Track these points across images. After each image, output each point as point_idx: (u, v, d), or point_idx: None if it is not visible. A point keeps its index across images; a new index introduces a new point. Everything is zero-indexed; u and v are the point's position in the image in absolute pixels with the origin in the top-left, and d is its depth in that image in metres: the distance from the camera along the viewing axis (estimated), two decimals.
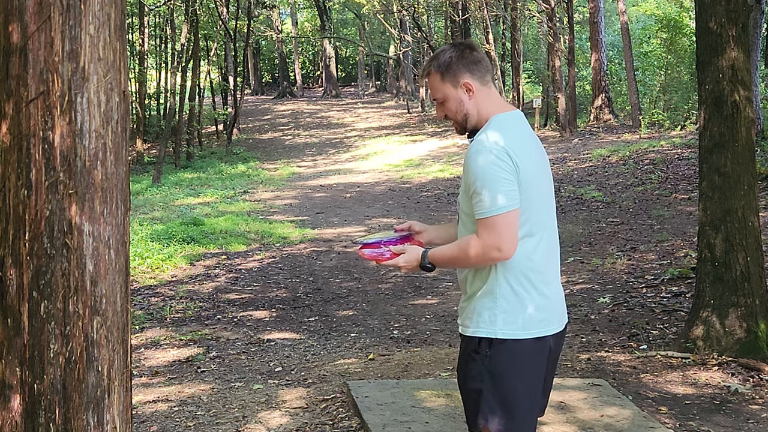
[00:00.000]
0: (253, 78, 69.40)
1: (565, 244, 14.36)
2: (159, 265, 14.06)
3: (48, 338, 3.06)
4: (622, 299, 10.49)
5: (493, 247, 3.53)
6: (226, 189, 26.33)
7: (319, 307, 11.57)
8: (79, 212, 3.06)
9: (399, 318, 10.68)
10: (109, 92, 3.14)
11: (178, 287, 12.72)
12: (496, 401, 3.61)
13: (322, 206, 21.74)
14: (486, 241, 3.54)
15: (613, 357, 7.91)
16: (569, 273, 12.32)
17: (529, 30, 52.52)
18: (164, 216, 19.69)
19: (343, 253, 15.26)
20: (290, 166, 34.23)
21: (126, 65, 3.27)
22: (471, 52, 3.78)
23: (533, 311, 3.65)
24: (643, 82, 36.27)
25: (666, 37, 33.88)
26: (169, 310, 11.35)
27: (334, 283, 13.06)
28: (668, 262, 12.02)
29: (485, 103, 3.77)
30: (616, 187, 19.16)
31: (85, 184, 3.07)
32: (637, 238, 14.15)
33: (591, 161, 23.55)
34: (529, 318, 3.64)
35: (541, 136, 32.91)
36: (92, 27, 3.10)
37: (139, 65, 41.05)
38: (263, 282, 13.18)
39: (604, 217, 16.34)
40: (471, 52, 3.78)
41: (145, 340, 9.81)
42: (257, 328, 10.35)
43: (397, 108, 54.03)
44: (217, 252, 15.51)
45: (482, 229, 3.55)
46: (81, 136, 3.06)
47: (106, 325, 3.14)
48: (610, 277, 11.81)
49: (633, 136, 28.80)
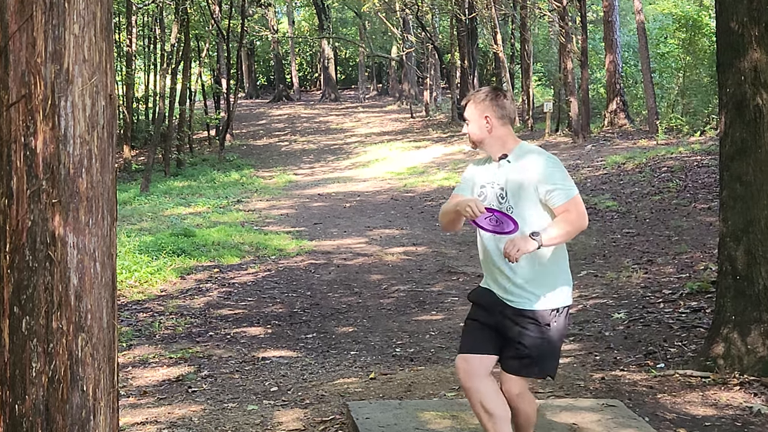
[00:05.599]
0: (247, 81, 69.44)
1: (577, 256, 14.35)
2: (147, 278, 14.06)
3: (30, 356, 3.06)
4: (638, 315, 10.49)
5: (585, 216, 5.06)
6: (219, 198, 26.34)
7: (318, 323, 11.57)
8: (63, 223, 3.06)
9: (402, 335, 10.68)
10: (94, 96, 3.13)
11: (168, 302, 12.72)
12: (557, 352, 5.14)
13: (321, 216, 21.75)
14: (580, 213, 5.00)
15: (628, 376, 7.91)
16: (582, 287, 12.31)
17: (540, 30, 52.56)
18: (153, 227, 19.69)
19: (342, 266, 15.26)
20: (286, 173, 34.25)
21: (112, 67, 3.27)
22: (500, 96, 5.18)
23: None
24: (661, 85, 36.25)
25: (684, 37, 33.87)
26: (159, 326, 11.35)
27: (333, 297, 13.06)
28: (687, 276, 12.02)
29: (508, 136, 5.18)
30: (631, 197, 19.16)
31: (69, 192, 3.06)
32: (654, 251, 14.15)
33: (605, 169, 23.55)
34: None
35: (553, 142, 32.92)
36: (77, 26, 3.09)
37: (127, 67, 41.08)
38: (258, 297, 13.18)
39: (619, 228, 16.34)
40: (499, 96, 5.19)
41: (133, 358, 9.81)
42: (251, 346, 10.35)
43: (400, 112, 54.07)
44: (209, 265, 15.51)
45: (572, 206, 4.99)
46: (65, 142, 3.06)
47: (91, 342, 3.14)
48: (625, 292, 11.80)
49: (650, 142, 28.80)
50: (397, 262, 15.54)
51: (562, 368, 8.10)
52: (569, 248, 5.41)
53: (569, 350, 9.20)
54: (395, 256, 16.00)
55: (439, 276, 14.06)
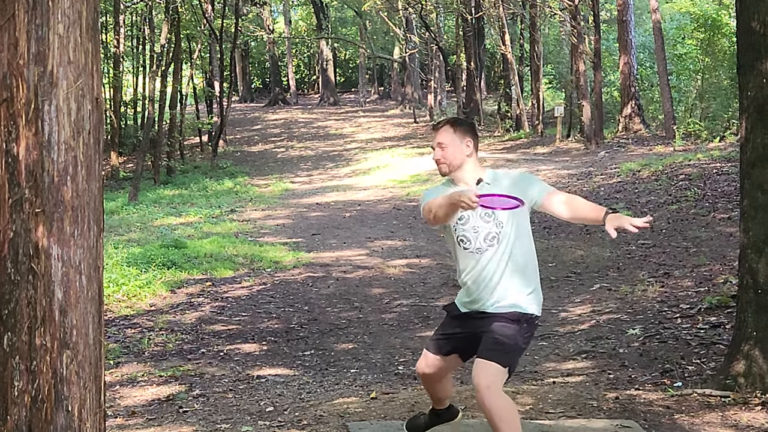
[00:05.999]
0: (241, 83, 69.55)
1: (590, 269, 14.36)
2: (136, 292, 14.06)
3: (12, 374, 3.05)
4: (654, 331, 10.48)
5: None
6: (211, 207, 26.35)
7: (316, 339, 11.57)
8: (47, 233, 3.05)
9: (405, 352, 10.68)
10: (80, 99, 3.13)
11: (158, 317, 12.71)
12: (520, 354, 5.75)
13: (319, 227, 21.75)
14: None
15: (644, 396, 7.90)
16: (594, 302, 12.32)
17: (551, 30, 52.64)
18: (142, 238, 19.69)
19: (342, 280, 15.27)
20: (283, 181, 34.26)
21: (99, 69, 3.27)
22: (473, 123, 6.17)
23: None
24: (678, 88, 36.29)
25: (703, 37, 33.89)
26: (148, 342, 11.35)
27: (332, 312, 13.06)
28: (706, 290, 12.01)
29: (478, 161, 5.92)
30: (647, 206, 19.16)
31: (53, 202, 3.06)
32: (671, 263, 14.15)
33: (619, 176, 23.55)
34: None
35: (564, 148, 32.95)
36: (61, 26, 3.09)
37: (114, 69, 41.14)
38: (253, 311, 13.18)
39: (634, 239, 16.33)
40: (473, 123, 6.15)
41: (121, 377, 9.81)
42: (246, 363, 10.34)
43: (403, 117, 54.13)
44: (201, 278, 15.51)
45: (559, 192, 5.87)
46: (49, 148, 3.05)
47: (76, 359, 3.13)
48: (640, 306, 11.80)
49: (666, 148, 28.81)
50: (399, 275, 15.54)
51: (574, 387, 8.10)
52: (581, 260, 5.50)
53: (581, 368, 9.20)
54: (398, 268, 16.01)
55: (444, 289, 14.06)
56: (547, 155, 32.46)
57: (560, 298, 12.91)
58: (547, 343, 10.49)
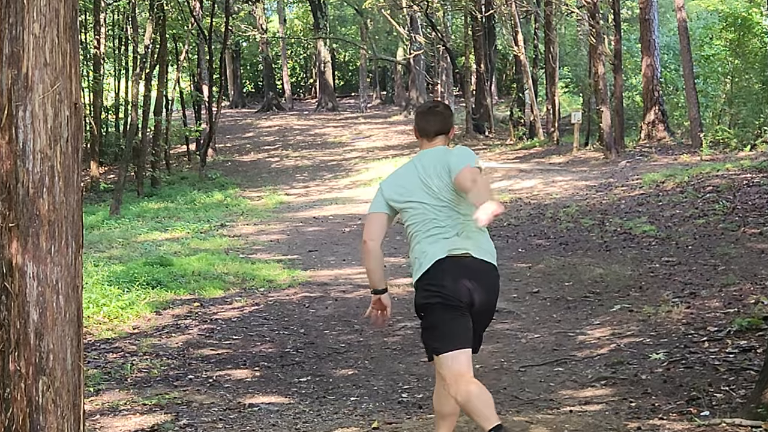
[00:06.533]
0: (232, 87, 69.64)
1: (610, 288, 14.36)
2: (118, 314, 14.06)
3: None
4: (679, 355, 10.48)
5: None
6: (200, 222, 26.36)
7: (313, 364, 11.57)
8: (21, 250, 3.04)
9: (409, 378, 10.67)
10: (57, 104, 3.12)
11: (142, 341, 12.71)
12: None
13: (316, 243, 21.76)
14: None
15: (668, 426, 7.90)
16: (615, 324, 12.31)
17: (567, 29, 52.72)
18: (124, 254, 19.71)
19: (341, 300, 15.27)
20: (277, 194, 34.29)
21: (78, 72, 3.27)
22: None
23: None
24: (705, 93, 36.26)
25: (732, 37, 33.93)
26: (131, 368, 11.34)
27: (330, 335, 13.06)
28: (735, 311, 12.00)
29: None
30: (671, 220, 19.17)
31: (28, 215, 3.05)
32: (698, 282, 14.14)
33: (641, 188, 23.57)
34: None
35: (582, 157, 32.98)
36: (37, 25, 3.08)
37: (94, 72, 41.18)
38: (244, 334, 13.18)
39: (658, 256, 16.33)
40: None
41: (101, 405, 9.80)
42: (237, 391, 10.34)
43: (407, 123, 54.12)
44: (189, 298, 15.51)
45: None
46: (23, 157, 3.05)
47: (53, 387, 3.12)
48: (664, 329, 11.79)
49: (692, 157, 28.83)
50: (403, 294, 15.52)
51: (592, 416, 8.10)
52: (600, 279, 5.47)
53: (600, 396, 9.20)
54: (401, 287, 15.99)
55: None
56: (563, 165, 32.48)
57: (577, 319, 12.91)
58: (564, 368, 10.49)
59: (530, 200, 25.10)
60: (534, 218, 22.15)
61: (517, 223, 21.44)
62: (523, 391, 9.49)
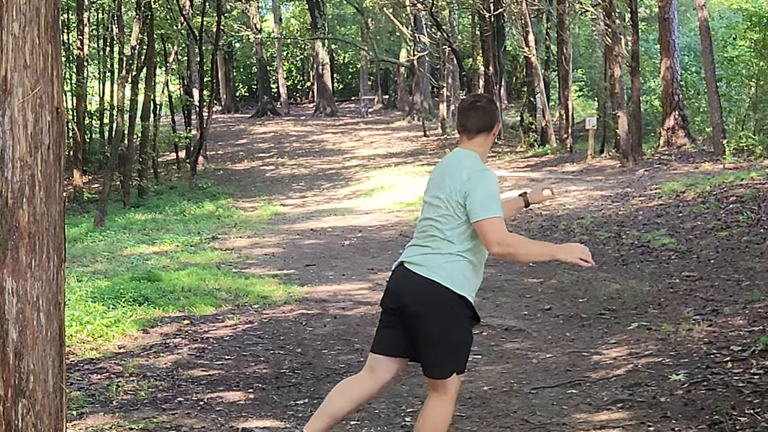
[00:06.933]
0: (224, 91, 69.69)
1: (627, 305, 14.37)
2: (103, 332, 14.06)
3: None
4: (700, 377, 10.49)
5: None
6: (190, 234, 26.37)
7: (310, 386, 11.58)
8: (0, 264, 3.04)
9: (413, 401, 10.69)
10: (38, 109, 3.11)
11: (128, 361, 12.72)
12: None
13: (314, 256, 21.76)
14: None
15: None
16: (632, 343, 12.33)
17: (581, 29, 52.73)
18: (110, 269, 19.71)
19: (340, 317, 15.28)
20: (272, 204, 34.30)
21: (60, 74, 3.27)
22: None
23: None
24: (728, 97, 36.23)
25: (758, 38, 33.92)
26: (116, 390, 11.36)
27: (328, 355, 13.07)
28: (760, 329, 12.02)
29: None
30: (692, 232, 19.18)
31: (7, 228, 3.05)
32: (721, 298, 14.15)
33: (660, 198, 23.58)
34: None
35: (597, 166, 32.98)
36: (16, 25, 3.07)
37: (77, 74, 41.17)
38: (237, 354, 13.19)
39: (678, 271, 16.35)
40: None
41: (85, 430, 9.82)
42: (230, 414, 10.36)
43: (411, 129, 54.21)
44: (178, 316, 15.52)
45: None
46: (2, 166, 3.05)
47: (34, 410, 3.12)
48: (685, 349, 11.81)
49: (715, 166, 28.84)
50: None
51: None
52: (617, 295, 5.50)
53: (617, 420, 9.22)
54: None
55: None
56: (577, 174, 32.50)
57: (592, 338, 12.92)
58: (577, 390, 10.51)
59: (542, 211, 25.10)
60: (546, 230, 22.17)
61: (528, 236, 21.42)
62: (534, 414, 9.50)
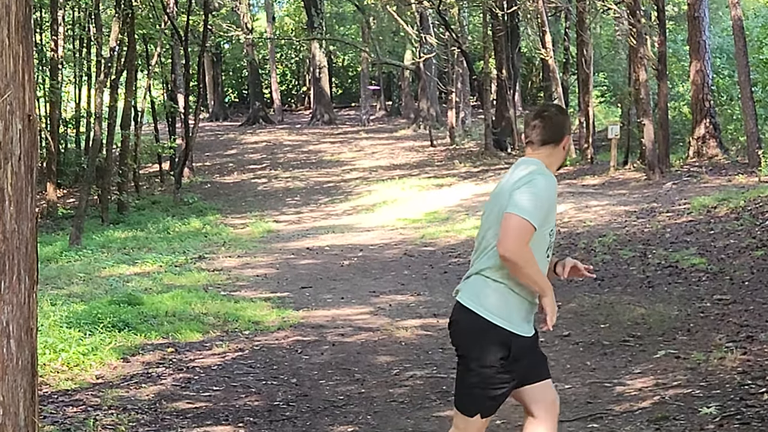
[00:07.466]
0: (212, 97, 69.76)
1: (653, 331, 14.37)
2: (79, 361, 14.06)
3: None
4: (733, 410, 10.49)
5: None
6: (174, 254, 26.40)
7: (306, 420, 11.60)
8: None
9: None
10: (7, 117, 3.11)
11: (106, 392, 12.74)
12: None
13: (310, 278, 21.78)
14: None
15: None
16: (659, 372, 12.33)
17: (603, 29, 52.80)
18: (86, 292, 19.72)
19: (339, 345, 15.29)
20: (264, 221, 34.34)
21: (32, 78, 3.27)
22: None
23: None
24: (765, 103, 36.24)
25: None
26: (94, 424, 11.37)
27: (326, 386, 13.08)
28: None
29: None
30: (725, 251, 19.18)
31: None
32: (756, 323, 14.15)
33: (690, 214, 23.59)
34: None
35: (620, 178, 32.99)
36: None
37: (51, 78, 41.19)
38: (226, 385, 13.20)
39: (709, 294, 16.35)
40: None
41: None
42: None
43: (416, 139, 54.25)
44: (162, 343, 15.53)
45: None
46: None
47: None
48: (716, 379, 11.81)
49: (749, 178, 28.85)
50: (412, 338, 15.56)
51: None
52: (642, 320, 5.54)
53: None
54: (409, 330, 16.02)
55: None
56: (598, 187, 32.52)
57: (615, 368, 12.93)
58: (599, 424, 10.51)
59: (560, 228, 25.10)
60: (564, 249, 22.17)
61: None
62: None
